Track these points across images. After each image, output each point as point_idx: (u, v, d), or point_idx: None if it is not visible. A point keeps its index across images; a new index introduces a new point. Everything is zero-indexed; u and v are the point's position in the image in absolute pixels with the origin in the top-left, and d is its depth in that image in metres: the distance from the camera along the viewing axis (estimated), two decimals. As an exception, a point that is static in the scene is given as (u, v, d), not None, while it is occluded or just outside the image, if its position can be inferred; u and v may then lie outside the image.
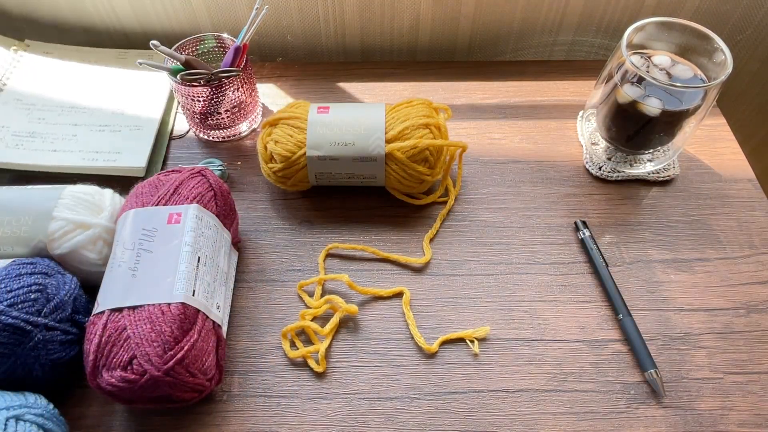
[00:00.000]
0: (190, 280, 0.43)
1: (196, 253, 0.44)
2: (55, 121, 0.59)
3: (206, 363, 0.42)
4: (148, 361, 0.39)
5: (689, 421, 0.44)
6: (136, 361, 0.39)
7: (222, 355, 0.45)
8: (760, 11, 0.68)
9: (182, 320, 0.41)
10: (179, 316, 0.41)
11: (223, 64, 0.57)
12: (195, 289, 0.43)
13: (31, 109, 0.60)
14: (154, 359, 0.39)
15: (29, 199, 0.47)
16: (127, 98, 0.63)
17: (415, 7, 0.67)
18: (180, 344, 0.40)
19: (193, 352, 0.41)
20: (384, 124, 0.53)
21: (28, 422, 0.38)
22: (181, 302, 0.41)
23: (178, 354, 0.40)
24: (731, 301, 0.50)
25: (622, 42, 0.51)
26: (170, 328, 0.40)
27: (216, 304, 0.45)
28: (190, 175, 0.48)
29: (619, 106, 0.54)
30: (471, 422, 0.44)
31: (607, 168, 0.59)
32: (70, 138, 0.57)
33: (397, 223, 0.56)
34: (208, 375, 0.42)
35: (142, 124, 0.59)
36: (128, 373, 0.39)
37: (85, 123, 0.59)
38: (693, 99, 0.51)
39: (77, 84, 0.64)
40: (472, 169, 0.60)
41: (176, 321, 0.40)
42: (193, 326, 0.42)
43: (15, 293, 0.40)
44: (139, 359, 0.39)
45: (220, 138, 0.62)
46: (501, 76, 0.69)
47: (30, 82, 0.63)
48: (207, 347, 0.42)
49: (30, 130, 0.58)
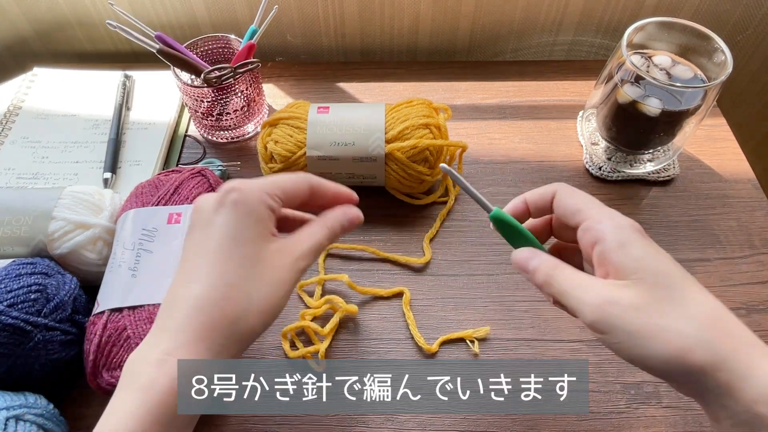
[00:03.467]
0: (190, 280, 0.43)
1: (196, 253, 0.44)
2: (58, 159, 0.60)
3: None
4: None
5: (689, 421, 0.44)
6: (136, 361, 0.39)
7: (222, 356, 0.45)
8: (760, 11, 0.68)
9: None
10: None
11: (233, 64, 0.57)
12: None
13: (36, 147, 0.61)
14: None
15: (29, 199, 0.47)
16: (128, 135, 0.63)
17: (415, 7, 0.67)
18: (180, 344, 0.40)
19: (193, 352, 0.40)
20: (384, 124, 0.53)
21: (28, 422, 0.38)
22: None
23: (178, 354, 0.40)
24: (731, 301, 0.50)
25: (622, 42, 0.51)
26: (170, 328, 0.40)
27: (216, 304, 0.45)
28: (190, 175, 0.48)
29: (619, 106, 0.54)
30: (471, 422, 0.44)
31: (607, 168, 0.59)
32: (71, 177, 0.58)
33: (397, 223, 0.56)
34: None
35: (141, 159, 0.60)
36: (128, 373, 0.39)
37: (86, 160, 0.60)
38: (693, 99, 0.51)
39: (83, 110, 0.64)
40: (472, 169, 0.60)
41: None
42: (193, 326, 0.42)
43: (15, 293, 0.40)
44: (139, 359, 0.39)
45: (228, 139, 0.62)
46: (501, 76, 0.69)
47: (38, 112, 0.64)
48: (207, 347, 0.42)
49: (34, 171, 0.59)
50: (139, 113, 0.64)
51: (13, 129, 0.62)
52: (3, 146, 0.61)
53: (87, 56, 0.74)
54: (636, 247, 0.31)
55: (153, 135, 0.62)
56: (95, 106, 0.64)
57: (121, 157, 0.60)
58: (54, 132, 0.62)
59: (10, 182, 0.58)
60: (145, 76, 0.67)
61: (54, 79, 0.68)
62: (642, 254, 0.31)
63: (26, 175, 0.58)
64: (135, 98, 0.66)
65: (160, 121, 0.63)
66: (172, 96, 0.66)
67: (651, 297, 0.30)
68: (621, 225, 0.32)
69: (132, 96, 0.66)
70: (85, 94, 0.66)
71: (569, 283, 0.32)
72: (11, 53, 0.73)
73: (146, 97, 0.66)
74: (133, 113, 0.64)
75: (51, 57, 0.74)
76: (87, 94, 0.66)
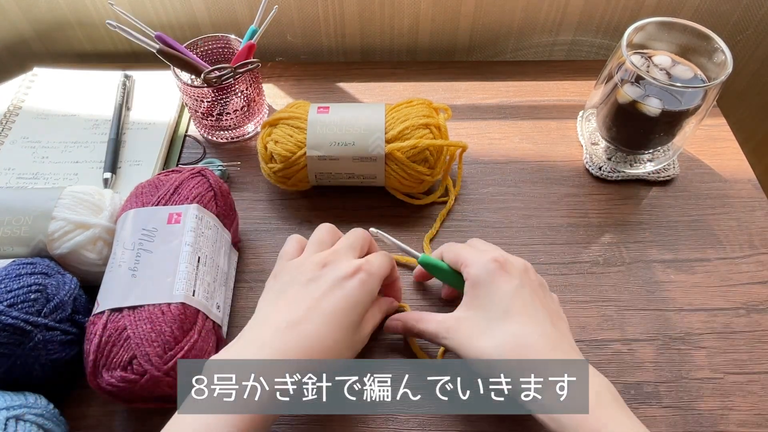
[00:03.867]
0: (191, 280, 0.43)
1: (196, 253, 0.44)
2: (58, 159, 0.60)
3: (206, 363, 0.42)
4: (148, 361, 0.39)
5: (689, 421, 0.44)
6: (136, 361, 0.39)
7: (222, 356, 0.45)
8: (760, 11, 0.68)
9: (182, 320, 0.41)
10: (179, 316, 0.40)
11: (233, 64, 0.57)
12: (195, 289, 0.43)
13: (36, 147, 0.61)
14: (154, 359, 0.39)
15: (29, 199, 0.47)
16: (128, 135, 0.63)
17: (415, 7, 0.67)
18: (180, 344, 0.40)
19: (193, 352, 0.40)
20: (384, 124, 0.53)
21: (28, 422, 0.38)
22: (181, 302, 0.41)
23: (178, 354, 0.40)
24: (731, 301, 0.50)
25: (623, 42, 0.51)
26: (170, 328, 0.40)
27: (216, 304, 0.45)
28: (190, 175, 0.48)
29: (619, 106, 0.54)
30: (471, 422, 0.44)
31: (607, 168, 0.59)
32: (71, 177, 0.58)
33: (397, 223, 0.56)
34: (208, 375, 0.42)
35: (141, 159, 0.60)
36: (128, 373, 0.39)
37: (86, 160, 0.60)
38: (693, 99, 0.51)
39: (83, 110, 0.64)
40: (472, 169, 0.60)
41: (176, 321, 0.40)
42: (194, 326, 0.42)
43: (15, 293, 0.40)
44: (139, 359, 0.39)
45: (228, 139, 0.62)
46: (501, 76, 0.69)
47: (38, 112, 0.64)
48: (207, 347, 0.42)
49: (34, 171, 0.59)
50: (139, 113, 0.64)
51: (13, 129, 0.62)
52: (3, 146, 0.61)
53: (87, 56, 0.74)
54: (481, 287, 0.42)
55: (153, 135, 0.62)
56: (95, 106, 0.64)
57: (121, 157, 0.60)
58: (54, 132, 0.62)
59: (10, 182, 0.58)
60: (145, 76, 0.67)
61: (54, 79, 0.68)
62: (482, 293, 0.41)
63: (26, 175, 0.58)
64: (135, 98, 0.66)
65: (160, 121, 0.63)
66: (172, 96, 0.66)
67: (475, 321, 0.41)
68: (479, 266, 0.42)
69: (132, 96, 0.66)
70: (85, 94, 0.66)
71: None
72: (11, 53, 0.73)
73: (146, 97, 0.66)
74: (133, 113, 0.64)
75: (51, 57, 0.74)
76: (87, 94, 0.66)
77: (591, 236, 0.55)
